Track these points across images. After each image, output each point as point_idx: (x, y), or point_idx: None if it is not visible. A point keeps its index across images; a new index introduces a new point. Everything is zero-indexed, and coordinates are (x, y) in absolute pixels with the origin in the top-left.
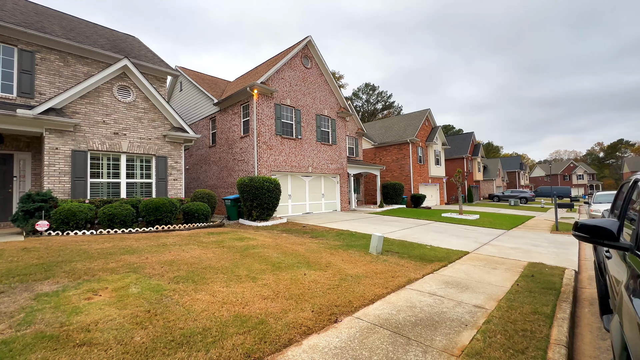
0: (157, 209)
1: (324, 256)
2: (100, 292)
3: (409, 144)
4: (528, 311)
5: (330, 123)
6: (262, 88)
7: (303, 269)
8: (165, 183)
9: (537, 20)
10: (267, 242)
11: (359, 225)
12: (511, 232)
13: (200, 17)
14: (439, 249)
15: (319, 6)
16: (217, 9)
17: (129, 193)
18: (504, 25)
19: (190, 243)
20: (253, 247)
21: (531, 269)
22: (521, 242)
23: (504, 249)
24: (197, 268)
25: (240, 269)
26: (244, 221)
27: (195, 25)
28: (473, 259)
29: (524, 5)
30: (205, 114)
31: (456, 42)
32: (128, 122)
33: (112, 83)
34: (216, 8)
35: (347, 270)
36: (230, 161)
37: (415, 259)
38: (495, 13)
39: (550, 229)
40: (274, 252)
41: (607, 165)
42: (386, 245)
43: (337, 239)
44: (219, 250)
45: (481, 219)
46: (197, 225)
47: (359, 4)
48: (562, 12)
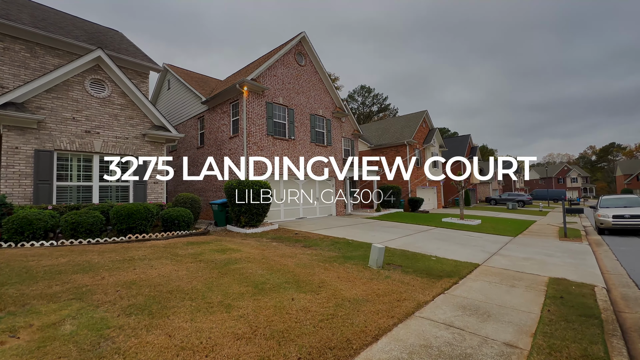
0: (129, 215)
1: (317, 272)
2: (20, 332)
3: (406, 145)
4: (577, 354)
5: (325, 123)
6: (253, 85)
7: (291, 291)
8: (144, 186)
9: (526, 26)
10: (252, 255)
11: (355, 232)
12: (518, 240)
13: (195, 21)
14: (446, 261)
15: (314, 10)
16: (211, 13)
17: (102, 198)
18: (495, 30)
19: (163, 256)
20: (235, 261)
21: (556, 287)
22: (532, 251)
23: (516, 260)
24: (161, 292)
25: (214, 293)
26: (232, 228)
27: (191, 28)
28: (486, 274)
29: (512, 12)
30: (193, 114)
31: (449, 47)
32: (102, 119)
33: (84, 76)
34: (211, 12)
35: (344, 291)
36: (218, 163)
37: (422, 274)
38: (485, 19)
39: (558, 235)
40: (259, 267)
41: (600, 168)
42: (387, 257)
43: (332, 249)
44: (194, 266)
45: (483, 224)
46: (177, 233)
47: (353, 8)
48: (551, 19)
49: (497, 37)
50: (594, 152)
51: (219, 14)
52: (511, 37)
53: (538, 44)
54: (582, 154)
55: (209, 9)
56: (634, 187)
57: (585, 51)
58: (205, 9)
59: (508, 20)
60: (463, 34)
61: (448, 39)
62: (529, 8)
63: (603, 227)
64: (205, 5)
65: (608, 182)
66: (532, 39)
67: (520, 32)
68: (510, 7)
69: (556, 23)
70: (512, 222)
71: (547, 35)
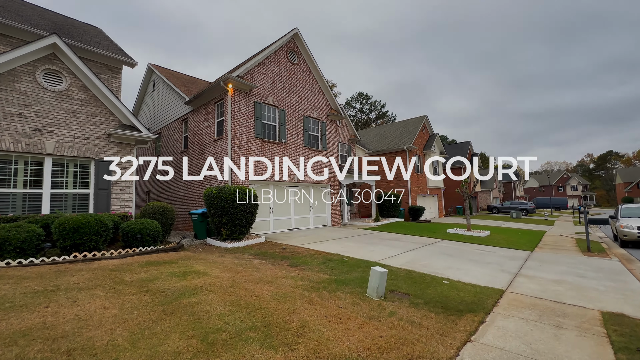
0: (76, 230)
1: (299, 308)
2: None
3: (405, 151)
4: None
5: (320, 126)
6: (239, 82)
7: (255, 346)
8: (107, 194)
9: (518, 38)
10: (220, 280)
11: (352, 245)
12: (537, 255)
13: (195, 32)
14: (462, 286)
15: (312, 21)
16: (212, 25)
17: (55, 207)
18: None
19: (101, 284)
20: (193, 292)
21: (618, 328)
22: (559, 270)
23: (547, 284)
24: (56, 352)
25: (135, 353)
26: (212, 241)
27: (191, 39)
28: (517, 306)
29: (505, 23)
30: (177, 115)
31: (444, 57)
32: (57, 116)
33: (36, 66)
34: (211, 24)
35: (332, 343)
36: (202, 168)
37: (436, 308)
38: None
39: (577, 247)
40: (222, 301)
41: (598, 176)
42: (390, 281)
43: (323, 269)
44: (134, 301)
45: (493, 235)
46: (139, 250)
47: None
48: (542, 30)
49: (490, 48)
50: (592, 160)
51: (219, 25)
52: (505, 48)
53: (531, 54)
54: (580, 162)
55: (210, 20)
56: (635, 195)
57: (577, 61)
58: (206, 20)
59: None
60: (457, 44)
61: (443, 50)
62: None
63: (627, 240)
64: (206, 17)
65: (607, 189)
66: (525, 50)
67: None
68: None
69: (548, 34)
70: (522, 233)
71: (539, 46)
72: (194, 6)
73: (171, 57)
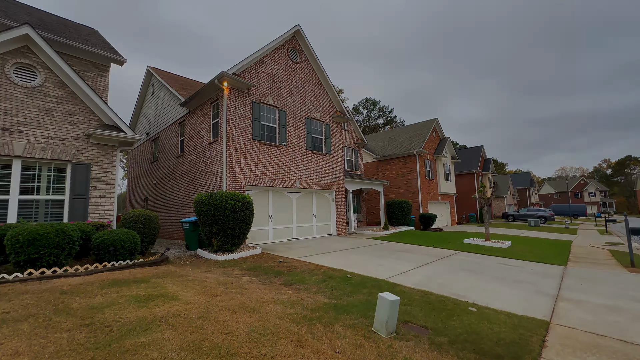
0: (31, 242)
1: (280, 354)
2: None
3: (415, 156)
4: None
5: (324, 129)
6: (235, 80)
7: None
8: (84, 201)
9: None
10: (189, 308)
11: (358, 259)
12: (573, 271)
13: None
14: (493, 315)
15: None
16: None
17: (24, 215)
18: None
19: (34, 315)
20: (147, 327)
21: None
22: (607, 292)
23: (600, 313)
24: None
25: None
26: (203, 253)
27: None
28: (574, 347)
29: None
30: (174, 118)
31: (452, 66)
32: (29, 114)
33: (5, 59)
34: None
35: None
36: (197, 173)
37: (466, 352)
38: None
39: (617, 262)
40: (178, 343)
41: (616, 182)
42: (403, 307)
43: (321, 289)
44: (60, 343)
45: (515, 246)
46: (111, 265)
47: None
48: (550, 36)
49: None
50: (609, 166)
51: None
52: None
53: (542, 61)
54: (596, 167)
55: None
56: None
57: (589, 67)
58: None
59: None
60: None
61: (451, 59)
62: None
63: None
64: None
65: (627, 196)
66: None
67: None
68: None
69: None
70: (547, 244)
71: (548, 53)
72: (204, 18)
73: (182, 66)
